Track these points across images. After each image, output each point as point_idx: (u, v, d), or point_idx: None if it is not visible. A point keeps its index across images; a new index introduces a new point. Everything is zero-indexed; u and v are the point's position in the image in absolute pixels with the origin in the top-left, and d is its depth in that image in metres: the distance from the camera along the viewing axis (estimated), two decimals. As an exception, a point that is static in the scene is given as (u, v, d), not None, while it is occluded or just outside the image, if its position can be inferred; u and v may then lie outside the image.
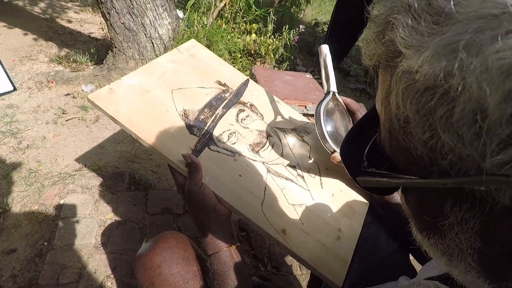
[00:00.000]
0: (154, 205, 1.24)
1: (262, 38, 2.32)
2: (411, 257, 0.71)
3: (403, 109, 0.21)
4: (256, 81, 1.51)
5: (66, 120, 1.55)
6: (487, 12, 0.16)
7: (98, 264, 1.01)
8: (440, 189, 0.22)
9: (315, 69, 2.75)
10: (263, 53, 2.30)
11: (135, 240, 1.10)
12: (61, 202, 1.16)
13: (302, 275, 1.14)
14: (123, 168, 1.36)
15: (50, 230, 1.07)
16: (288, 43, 2.35)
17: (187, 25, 2.15)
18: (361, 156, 0.30)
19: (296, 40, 2.41)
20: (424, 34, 0.19)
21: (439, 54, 0.17)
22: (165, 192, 1.31)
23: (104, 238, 1.08)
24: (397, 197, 0.67)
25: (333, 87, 0.72)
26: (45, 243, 1.03)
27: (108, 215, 1.16)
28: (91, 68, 2.00)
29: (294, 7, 3.53)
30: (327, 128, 0.66)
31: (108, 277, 0.99)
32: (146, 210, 1.21)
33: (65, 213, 1.12)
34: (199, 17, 2.23)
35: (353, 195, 0.72)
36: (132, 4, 1.73)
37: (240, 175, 0.65)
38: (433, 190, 0.22)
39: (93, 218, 1.14)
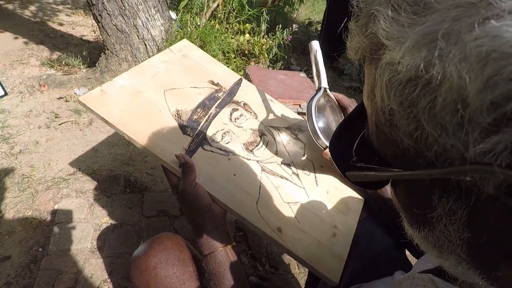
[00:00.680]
0: (150, 207, 1.23)
1: (255, 38, 2.32)
2: (407, 252, 0.71)
3: (388, 102, 0.21)
4: (250, 80, 1.51)
5: (59, 124, 1.54)
6: (464, 0, 0.16)
7: (95, 268, 1.00)
8: (427, 181, 0.21)
9: (309, 68, 2.75)
10: (257, 53, 2.30)
11: (132, 244, 1.09)
12: (56, 207, 1.15)
13: (300, 273, 1.14)
14: (118, 171, 1.35)
15: (44, 236, 1.05)
16: (282, 42, 2.35)
17: (180, 26, 2.14)
18: (350, 151, 0.30)
19: (290, 39, 2.41)
20: (404, 24, 0.19)
21: (419, 44, 0.17)
22: (161, 194, 1.30)
23: (100, 242, 1.07)
24: (389, 191, 0.68)
25: (324, 83, 0.72)
26: (40, 249, 1.01)
27: (103, 219, 1.15)
28: (84, 71, 1.99)
29: (287, 6, 3.53)
30: (319, 124, 0.66)
31: (105, 281, 0.98)
32: (142, 212, 1.21)
33: (60, 218, 1.11)
34: (192, 18, 2.23)
35: (348, 192, 0.72)
36: (124, 6, 1.72)
37: (234, 175, 0.65)
38: (421, 182, 0.22)
39: (89, 222, 1.13)
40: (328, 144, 0.65)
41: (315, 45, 0.73)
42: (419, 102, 0.18)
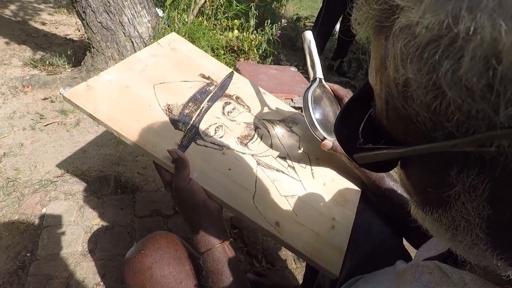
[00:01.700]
0: (142, 207, 1.20)
1: (244, 34, 2.30)
2: (404, 242, 0.70)
3: (403, 71, 0.19)
4: (240, 76, 1.49)
5: (45, 125, 1.49)
6: None
7: (86, 272, 0.97)
8: (445, 156, 0.20)
9: (299, 63, 2.75)
10: (247, 49, 2.27)
11: (124, 245, 1.06)
12: (43, 210, 1.11)
13: (298, 268, 1.13)
14: (108, 171, 1.31)
15: (32, 240, 1.01)
16: (271, 38, 2.33)
17: (168, 24, 2.10)
18: (356, 133, 0.28)
19: (279, 34, 2.40)
20: None
21: None
22: (153, 193, 1.27)
23: (91, 245, 1.04)
24: (388, 182, 0.67)
25: (319, 74, 0.70)
26: (28, 254, 0.98)
27: (94, 221, 1.12)
28: (69, 70, 1.93)
29: (275, 2, 3.52)
30: (316, 115, 0.65)
31: (98, 284, 0.95)
32: (134, 213, 1.18)
33: (48, 222, 1.07)
34: (179, 15, 2.19)
35: (345, 184, 0.71)
36: (109, 2, 1.67)
37: (229, 169, 0.63)
38: (437, 158, 0.21)
39: (79, 224, 1.09)
40: (325, 135, 0.64)
41: (309, 35, 0.72)
42: (441, 66, 0.16)
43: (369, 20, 0.21)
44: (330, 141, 0.65)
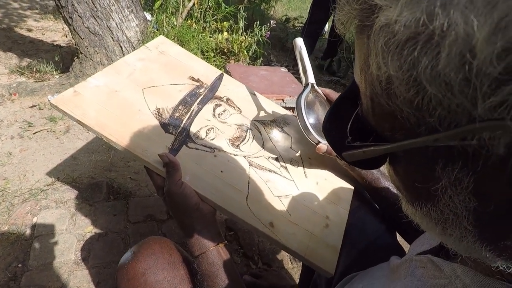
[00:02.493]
0: (135, 213, 1.19)
1: (234, 36, 2.30)
2: (398, 237, 0.71)
3: (385, 69, 0.19)
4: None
5: (34, 133, 1.46)
6: None
7: (80, 280, 0.95)
8: (430, 151, 0.20)
9: (289, 64, 2.76)
10: (236, 51, 2.27)
11: (118, 252, 1.05)
12: (34, 220, 1.09)
13: (294, 268, 1.13)
14: (99, 178, 1.29)
15: (24, 251, 0.99)
16: (261, 39, 2.34)
17: (156, 27, 2.09)
18: (344, 132, 0.28)
19: (268, 35, 2.40)
20: None
21: None
22: (147, 199, 1.26)
23: (85, 253, 1.03)
24: (384, 182, 0.67)
25: (311, 79, 0.71)
26: (20, 265, 0.96)
27: (87, 228, 1.10)
28: (57, 77, 1.90)
29: (263, 3, 3.53)
30: (310, 120, 0.65)
31: (92, 293, 0.93)
32: (128, 219, 1.16)
33: (40, 231, 1.05)
34: (168, 18, 2.18)
35: (338, 182, 0.72)
36: (96, 7, 1.66)
37: (221, 171, 0.63)
38: (423, 153, 0.21)
39: (71, 233, 1.07)
40: (320, 139, 0.65)
41: (300, 42, 0.72)
42: (420, 62, 0.17)
43: (352, 20, 0.22)
44: (325, 144, 0.65)
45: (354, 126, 0.28)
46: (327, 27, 3.17)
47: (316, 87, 0.72)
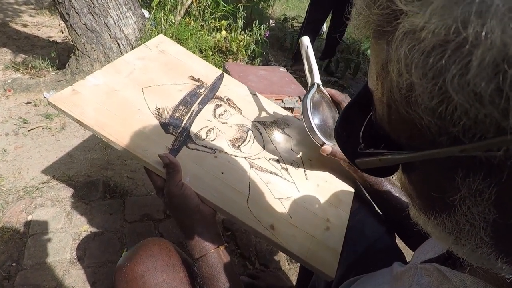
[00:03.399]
0: (132, 212, 1.18)
1: (232, 34, 2.29)
2: (397, 240, 0.71)
3: (407, 76, 0.18)
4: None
5: (29, 130, 1.44)
6: None
7: (76, 280, 0.94)
8: (451, 161, 0.20)
9: (287, 63, 2.75)
10: (235, 50, 2.26)
11: (115, 251, 1.04)
12: (29, 218, 1.07)
13: (291, 269, 1.13)
14: (95, 176, 1.28)
15: (18, 250, 0.98)
16: (259, 38, 2.33)
17: (154, 25, 2.07)
18: (357, 138, 0.28)
19: (267, 35, 2.39)
20: None
21: (451, 2, 0.15)
22: (143, 197, 1.25)
23: (80, 252, 1.01)
24: (386, 185, 0.67)
25: (317, 79, 0.70)
26: (14, 264, 0.94)
27: (83, 227, 1.09)
28: (53, 73, 1.88)
29: (262, 3, 3.52)
30: (315, 120, 0.65)
31: (88, 293, 0.92)
32: (124, 218, 1.15)
33: (34, 229, 1.04)
34: (166, 16, 2.16)
35: (338, 184, 0.72)
36: (93, 4, 1.64)
37: (222, 172, 0.62)
38: (442, 163, 0.21)
39: (66, 231, 1.06)
40: (325, 140, 0.64)
41: (306, 41, 0.72)
42: (448, 70, 0.16)
43: (369, 25, 0.21)
44: (330, 146, 0.65)
45: (366, 133, 0.28)
46: (325, 27, 3.17)
47: (322, 87, 0.71)
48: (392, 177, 0.29)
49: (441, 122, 0.18)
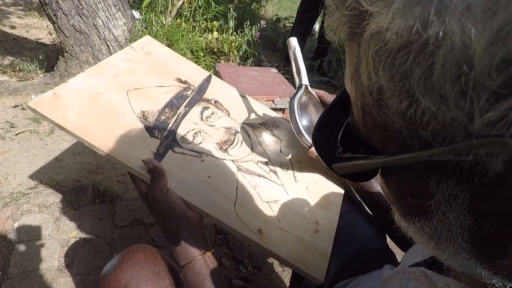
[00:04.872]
0: (122, 217, 1.16)
1: (224, 35, 2.27)
2: (388, 240, 0.71)
3: (376, 79, 0.18)
4: (221, 78, 1.46)
5: (16, 135, 1.41)
6: None
7: (64, 288, 0.92)
8: (423, 166, 0.19)
9: (280, 64, 2.75)
10: (227, 51, 2.25)
11: (104, 257, 1.02)
12: (15, 225, 1.05)
13: (284, 271, 1.12)
14: (85, 181, 1.26)
15: (4, 258, 0.96)
16: (251, 39, 2.32)
17: (145, 26, 2.05)
18: (335, 142, 0.27)
19: (258, 36, 2.39)
20: None
21: (412, 1, 0.15)
22: (134, 202, 1.23)
23: (69, 259, 0.99)
24: (377, 186, 0.67)
25: (305, 80, 0.70)
26: (-1, 273, 0.92)
27: (71, 234, 1.07)
28: (41, 76, 1.85)
29: (254, 3, 3.51)
30: (303, 122, 0.64)
31: (76, 300, 0.90)
32: (114, 223, 1.13)
33: (21, 237, 1.01)
34: (156, 17, 2.14)
35: (328, 186, 0.71)
36: (81, 5, 1.61)
37: (209, 177, 0.61)
38: (415, 168, 0.20)
39: (54, 238, 1.04)
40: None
41: (294, 41, 0.71)
42: (413, 72, 0.15)
43: (342, 26, 0.20)
44: None
45: (345, 137, 0.27)
46: (317, 27, 3.17)
47: (309, 88, 0.70)
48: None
49: (412, 125, 0.17)
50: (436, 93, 0.15)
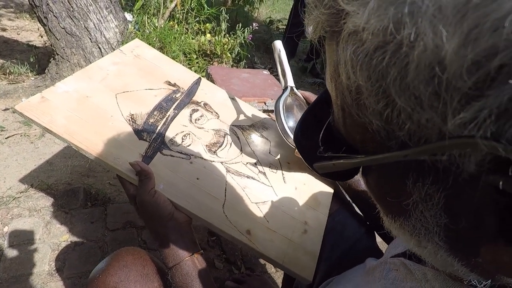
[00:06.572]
0: (114, 220, 1.15)
1: (217, 37, 2.28)
2: (378, 239, 0.71)
3: (354, 78, 0.18)
4: (212, 80, 1.47)
5: (6, 138, 1.40)
6: None
7: (54, 292, 0.92)
8: (401, 166, 0.20)
9: (273, 66, 2.76)
10: (219, 53, 2.26)
11: (95, 261, 1.01)
12: (5, 229, 1.04)
13: (277, 272, 1.12)
14: (76, 184, 1.25)
15: (-7, 262, 0.95)
16: (244, 41, 2.33)
17: (138, 28, 2.05)
18: (316, 142, 0.27)
19: (250, 38, 2.39)
20: None
21: (385, 1, 0.15)
22: (126, 204, 1.22)
23: (60, 263, 0.99)
24: (363, 184, 0.68)
25: (290, 82, 0.70)
26: (-12, 278, 0.91)
27: (62, 237, 1.06)
28: (32, 79, 1.83)
29: (247, 5, 3.52)
30: (289, 123, 0.65)
31: (67, 305, 0.90)
32: (106, 226, 1.13)
33: (11, 241, 1.00)
34: (149, 19, 2.14)
35: (317, 186, 0.72)
36: (72, 7, 1.61)
37: (197, 178, 0.61)
38: (393, 167, 0.21)
39: (45, 242, 1.03)
40: None
41: (278, 44, 0.72)
42: (389, 73, 0.16)
43: (321, 25, 0.20)
44: None
45: (326, 136, 0.27)
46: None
47: (295, 90, 0.71)
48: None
49: (388, 126, 0.18)
50: (411, 94, 0.15)
